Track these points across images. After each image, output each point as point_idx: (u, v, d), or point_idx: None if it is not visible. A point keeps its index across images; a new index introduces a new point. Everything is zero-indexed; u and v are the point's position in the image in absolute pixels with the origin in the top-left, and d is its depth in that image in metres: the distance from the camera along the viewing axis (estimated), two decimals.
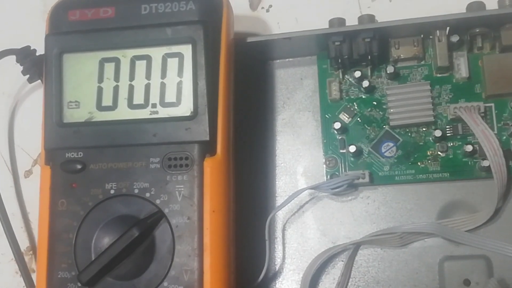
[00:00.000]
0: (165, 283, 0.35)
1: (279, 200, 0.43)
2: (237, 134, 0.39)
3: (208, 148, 0.36)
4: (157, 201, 0.36)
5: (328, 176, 0.42)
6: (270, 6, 0.46)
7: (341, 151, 0.42)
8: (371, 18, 0.41)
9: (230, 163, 0.38)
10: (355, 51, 0.41)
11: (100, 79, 0.38)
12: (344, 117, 0.42)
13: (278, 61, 0.45)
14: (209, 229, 0.35)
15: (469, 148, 0.40)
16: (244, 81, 0.43)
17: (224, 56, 0.38)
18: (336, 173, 0.42)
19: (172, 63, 0.38)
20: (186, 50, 0.37)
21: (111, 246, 0.35)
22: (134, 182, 0.37)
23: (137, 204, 0.36)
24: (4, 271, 0.46)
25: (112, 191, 0.37)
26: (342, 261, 0.41)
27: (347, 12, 0.44)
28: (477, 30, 0.40)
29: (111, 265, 0.35)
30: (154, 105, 0.38)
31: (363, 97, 0.42)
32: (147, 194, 0.36)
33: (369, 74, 0.42)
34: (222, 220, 0.36)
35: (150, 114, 0.38)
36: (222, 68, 0.37)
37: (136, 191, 0.37)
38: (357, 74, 0.41)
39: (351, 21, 0.42)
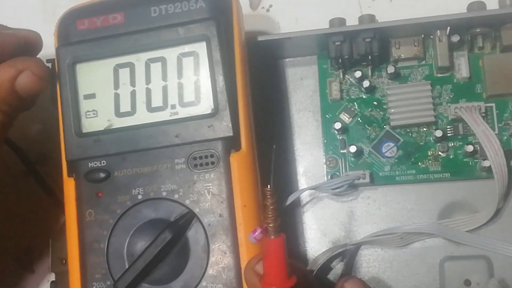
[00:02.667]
0: (203, 283, 0.35)
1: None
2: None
3: (232, 143, 0.36)
4: (187, 202, 0.36)
5: (329, 176, 0.42)
6: (270, 6, 0.46)
7: (341, 151, 0.42)
8: (371, 18, 0.41)
9: (255, 157, 0.37)
10: (356, 51, 0.41)
11: (116, 85, 0.38)
12: (345, 117, 0.42)
13: (278, 60, 0.44)
14: (242, 224, 0.35)
15: (470, 148, 0.39)
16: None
17: (239, 51, 0.37)
18: (337, 173, 0.42)
19: (188, 62, 0.37)
20: (201, 48, 0.37)
21: (145, 251, 0.35)
22: (161, 185, 0.36)
23: (167, 207, 0.36)
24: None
25: (139, 196, 0.36)
26: (343, 261, 0.41)
27: (347, 12, 0.44)
28: (478, 30, 0.40)
29: (146, 271, 0.35)
30: (173, 106, 0.37)
31: (364, 97, 0.42)
32: (176, 196, 0.36)
33: (370, 74, 0.42)
34: (254, 214, 0.36)
35: (170, 115, 0.37)
36: (238, 63, 0.37)
37: (164, 193, 0.36)
38: (358, 74, 0.41)
39: (352, 21, 0.42)
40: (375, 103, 0.42)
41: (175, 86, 0.37)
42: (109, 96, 0.38)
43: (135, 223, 0.36)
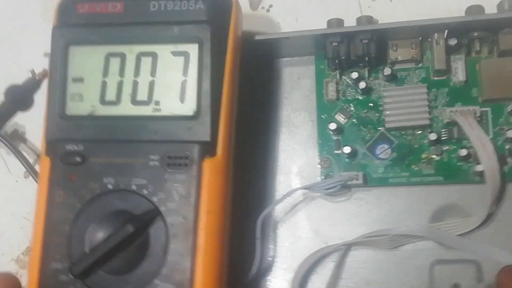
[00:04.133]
0: (156, 281, 0.35)
1: (272, 199, 0.43)
2: (238, 133, 0.40)
3: (208, 149, 0.36)
4: (154, 199, 0.36)
5: (323, 177, 0.42)
6: (271, 6, 0.46)
7: (336, 151, 0.42)
8: (369, 19, 0.41)
9: (229, 165, 0.38)
10: (353, 52, 0.41)
11: (105, 73, 0.38)
12: (340, 118, 0.42)
13: (276, 60, 0.45)
14: (203, 230, 0.35)
15: (463, 152, 0.39)
16: (247, 80, 0.44)
17: (230, 57, 0.37)
18: (330, 173, 0.42)
19: (178, 61, 0.38)
20: (193, 49, 0.37)
21: (105, 240, 0.35)
22: (132, 178, 0.37)
23: (134, 200, 0.36)
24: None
25: (109, 186, 0.37)
26: (334, 261, 0.41)
27: (347, 12, 0.44)
28: (476, 34, 0.40)
29: (104, 259, 0.35)
30: (157, 103, 0.38)
31: (360, 98, 0.42)
32: (145, 191, 0.36)
33: (366, 75, 0.42)
34: (218, 222, 0.36)
35: (153, 111, 0.38)
36: (227, 69, 0.37)
37: (134, 187, 0.37)
38: (354, 75, 0.41)
39: (351, 21, 0.42)
40: (371, 104, 0.42)
41: (162, 83, 0.38)
42: (96, 83, 0.38)
43: (100, 211, 0.36)
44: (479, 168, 0.39)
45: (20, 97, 0.39)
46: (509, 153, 0.40)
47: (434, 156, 0.41)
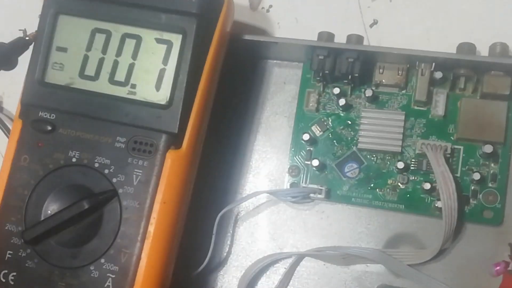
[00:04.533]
0: (102, 260, 0.36)
1: (237, 197, 0.44)
2: (211, 127, 0.40)
3: (174, 140, 0.37)
4: (114, 180, 0.37)
5: (288, 184, 0.43)
6: (270, 6, 0.47)
7: (306, 162, 0.42)
8: (359, 39, 0.41)
9: (193, 159, 0.38)
10: (338, 68, 0.41)
11: (89, 47, 0.39)
12: (316, 129, 0.43)
13: (265, 60, 0.45)
14: (155, 219, 0.36)
15: (427, 186, 0.40)
16: (229, 77, 0.44)
17: (213, 53, 0.38)
18: (296, 181, 0.42)
19: (160, 49, 0.38)
20: (176, 39, 0.38)
21: (60, 212, 0.37)
22: (96, 155, 0.38)
23: (94, 178, 0.37)
24: None
25: (74, 159, 0.38)
26: (285, 268, 0.42)
27: (347, 12, 0.45)
28: (462, 72, 0.40)
29: (55, 230, 0.37)
30: (133, 86, 0.38)
31: (340, 114, 0.43)
32: (106, 171, 0.37)
33: (349, 92, 0.42)
34: (171, 212, 0.37)
35: (128, 93, 0.38)
36: (207, 65, 0.38)
37: (97, 165, 0.37)
38: (336, 90, 0.42)
39: (351, 21, 0.42)
40: (349, 122, 0.42)
41: (141, 67, 0.38)
42: (79, 55, 0.39)
43: (61, 182, 0.38)
44: (439, 204, 0.39)
45: (5, 56, 0.39)
46: (473, 194, 0.40)
47: (399, 184, 0.41)
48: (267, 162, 0.44)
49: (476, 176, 0.39)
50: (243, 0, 0.46)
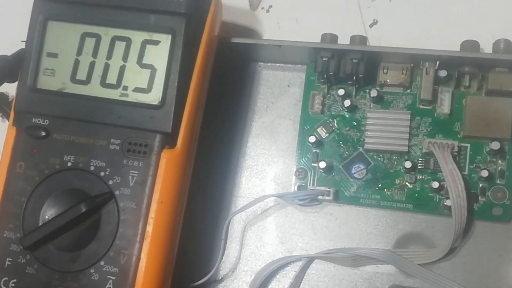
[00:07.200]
0: (101, 262, 0.36)
1: (244, 202, 0.43)
2: (213, 132, 0.40)
3: (168, 140, 0.37)
4: (110, 182, 0.37)
5: (296, 187, 0.42)
6: (270, 6, 0.47)
7: (313, 164, 0.42)
8: (362, 39, 0.41)
9: (188, 158, 0.38)
10: (342, 69, 0.41)
11: (79, 52, 0.39)
12: (322, 131, 0.43)
13: (269, 64, 0.45)
14: (153, 219, 0.36)
15: (435, 184, 0.40)
16: (233, 81, 0.44)
17: (203, 52, 0.38)
18: (304, 184, 0.42)
19: (150, 50, 0.38)
20: (166, 40, 0.38)
21: (57, 216, 0.37)
22: (91, 159, 0.38)
23: (90, 181, 0.37)
24: None
25: (69, 164, 0.38)
26: (295, 271, 0.42)
27: (347, 13, 0.45)
28: (466, 69, 0.40)
29: (54, 235, 0.37)
30: (125, 88, 0.38)
31: (345, 115, 0.42)
32: (102, 173, 0.37)
33: (354, 93, 0.42)
34: (169, 212, 0.37)
35: (120, 95, 0.38)
36: (198, 64, 0.38)
37: (92, 168, 0.37)
38: (341, 92, 0.42)
39: (351, 21, 0.42)
40: (354, 123, 0.42)
41: (132, 69, 0.38)
42: (69, 60, 0.39)
43: (57, 187, 0.38)
44: (448, 202, 0.39)
45: (8, 69, 0.39)
46: (482, 191, 0.40)
47: (407, 183, 0.41)
48: (274, 166, 0.44)
49: (484, 173, 0.39)
50: (243, 0, 0.46)
